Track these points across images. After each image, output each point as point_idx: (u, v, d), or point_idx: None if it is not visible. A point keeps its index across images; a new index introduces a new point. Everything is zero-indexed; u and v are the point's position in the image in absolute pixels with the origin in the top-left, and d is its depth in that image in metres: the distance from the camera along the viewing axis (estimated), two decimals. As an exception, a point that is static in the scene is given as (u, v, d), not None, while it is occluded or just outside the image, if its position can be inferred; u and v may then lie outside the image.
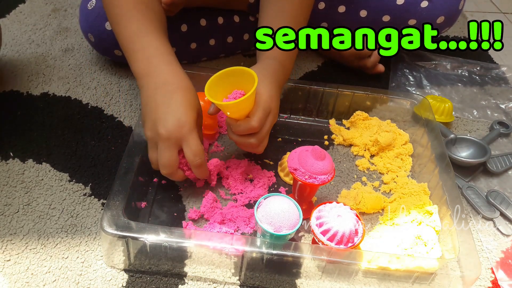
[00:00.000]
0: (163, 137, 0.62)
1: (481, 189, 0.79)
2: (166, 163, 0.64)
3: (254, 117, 0.65)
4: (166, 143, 0.63)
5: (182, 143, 0.63)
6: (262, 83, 0.67)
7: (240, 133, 0.67)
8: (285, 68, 0.74)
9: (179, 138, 0.63)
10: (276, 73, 0.71)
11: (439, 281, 0.61)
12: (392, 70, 1.03)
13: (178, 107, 0.63)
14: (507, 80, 1.05)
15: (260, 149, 0.70)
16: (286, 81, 0.77)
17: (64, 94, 0.90)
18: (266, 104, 0.66)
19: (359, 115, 0.85)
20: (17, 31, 1.05)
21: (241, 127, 0.66)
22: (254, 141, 0.68)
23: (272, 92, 0.68)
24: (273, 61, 0.72)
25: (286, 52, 0.73)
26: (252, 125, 0.65)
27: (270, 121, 0.68)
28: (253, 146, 0.69)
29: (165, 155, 0.63)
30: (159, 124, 0.62)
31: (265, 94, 0.67)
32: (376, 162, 0.80)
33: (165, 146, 0.63)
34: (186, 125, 0.62)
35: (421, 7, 0.92)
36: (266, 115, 0.67)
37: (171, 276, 0.63)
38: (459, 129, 0.92)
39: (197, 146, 0.63)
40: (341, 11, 0.95)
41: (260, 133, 0.67)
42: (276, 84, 0.70)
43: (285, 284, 0.63)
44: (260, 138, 0.68)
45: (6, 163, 0.75)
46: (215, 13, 0.95)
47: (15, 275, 0.61)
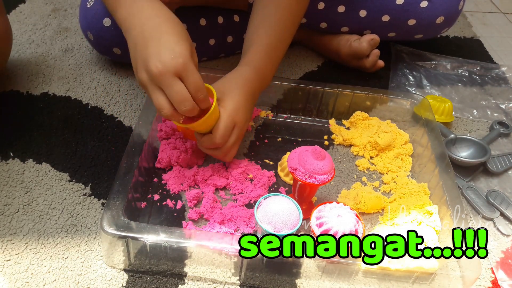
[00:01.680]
0: (161, 73, 0.58)
1: (481, 189, 0.79)
2: (180, 98, 0.59)
3: (216, 134, 0.66)
4: (168, 78, 0.58)
5: (181, 77, 0.59)
6: (230, 94, 0.68)
7: (205, 147, 0.69)
8: (263, 75, 0.74)
9: (177, 70, 0.58)
10: (249, 81, 0.71)
11: (439, 281, 0.61)
12: (392, 70, 1.03)
13: (169, 38, 0.59)
14: (507, 80, 1.05)
15: (227, 159, 0.72)
16: (264, 86, 0.76)
17: (64, 94, 0.90)
18: (229, 119, 0.67)
19: (359, 115, 0.85)
20: (17, 31, 1.05)
21: (205, 143, 0.68)
22: (219, 154, 0.70)
23: (239, 104, 0.68)
24: (248, 68, 0.72)
25: (266, 58, 0.74)
26: (214, 142, 0.67)
27: (236, 134, 0.69)
28: (219, 157, 0.71)
29: (174, 90, 0.58)
30: (153, 60, 0.58)
31: (230, 106, 0.67)
32: (376, 162, 0.80)
33: (168, 83, 0.58)
34: (182, 56, 0.58)
35: (420, 7, 0.92)
36: (229, 130, 0.67)
37: (171, 276, 0.63)
38: (459, 129, 0.92)
39: (197, 79, 0.59)
40: (340, 11, 0.95)
41: (225, 147, 0.69)
42: (248, 93, 0.70)
43: (285, 284, 0.63)
44: (224, 151, 0.69)
45: (6, 163, 0.75)
46: (215, 12, 0.95)
47: (15, 275, 0.61)
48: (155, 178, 0.73)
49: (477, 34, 1.21)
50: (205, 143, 0.68)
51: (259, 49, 0.74)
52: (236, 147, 0.72)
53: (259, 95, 0.76)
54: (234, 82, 0.70)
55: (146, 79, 0.60)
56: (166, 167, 0.74)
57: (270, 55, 0.75)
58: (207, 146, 0.69)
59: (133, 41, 0.62)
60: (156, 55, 0.58)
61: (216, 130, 0.66)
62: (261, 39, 0.74)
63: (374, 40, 0.95)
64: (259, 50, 0.74)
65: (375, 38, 0.95)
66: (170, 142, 0.75)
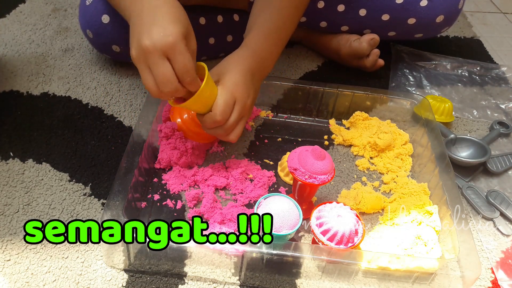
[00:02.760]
0: (149, 50, 0.57)
1: (481, 189, 0.79)
2: (163, 79, 0.58)
3: (216, 110, 0.65)
4: (155, 57, 0.58)
5: (169, 57, 0.58)
6: (228, 72, 0.67)
7: (207, 127, 0.67)
8: (262, 57, 0.73)
9: (165, 49, 0.57)
10: (246, 60, 0.70)
11: (439, 281, 0.61)
12: (392, 70, 1.03)
13: (163, 17, 0.59)
14: (507, 80, 1.05)
15: (232, 138, 0.69)
16: (264, 71, 0.75)
17: (64, 94, 0.90)
18: (228, 94, 0.65)
19: (359, 115, 0.85)
20: (17, 31, 1.05)
21: (206, 122, 0.66)
22: (221, 132, 0.67)
23: (237, 80, 0.67)
24: (246, 50, 0.72)
25: (265, 41, 0.73)
26: (215, 119, 0.65)
27: (238, 110, 0.67)
28: (221, 136, 0.69)
29: (159, 70, 0.58)
30: (143, 37, 0.58)
31: (228, 83, 0.66)
32: (376, 162, 0.80)
33: (155, 61, 0.58)
34: (172, 35, 0.57)
35: (420, 6, 0.92)
36: (229, 106, 0.65)
37: (171, 276, 0.63)
38: (459, 129, 0.92)
39: (186, 61, 0.58)
40: (340, 10, 0.95)
41: (226, 124, 0.66)
42: (246, 71, 0.69)
43: (285, 284, 0.63)
44: (227, 129, 0.67)
45: (6, 163, 0.75)
46: (215, 11, 0.95)
47: (15, 275, 0.61)
48: (155, 178, 0.73)
49: (477, 34, 1.21)
50: (207, 122, 0.66)
51: (258, 33, 0.74)
52: (241, 126, 0.69)
53: (260, 80, 0.74)
54: (230, 62, 0.69)
55: (136, 56, 0.59)
56: (166, 167, 0.74)
57: (269, 39, 0.74)
58: (209, 125, 0.66)
59: (132, 22, 0.62)
60: (148, 32, 0.58)
61: (216, 106, 0.65)
62: (261, 23, 0.74)
63: (374, 40, 0.95)
64: (258, 33, 0.74)
65: (375, 38, 0.95)
66: (170, 142, 0.75)
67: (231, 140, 0.70)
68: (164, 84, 0.59)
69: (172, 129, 0.75)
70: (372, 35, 0.95)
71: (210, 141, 0.79)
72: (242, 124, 0.70)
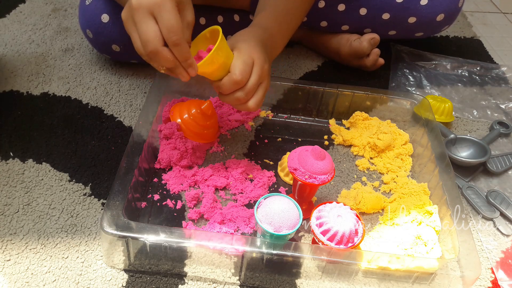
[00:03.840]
0: (135, 7, 0.55)
1: (481, 189, 0.79)
2: (146, 37, 0.55)
3: (235, 70, 0.62)
4: (140, 14, 0.55)
5: (155, 14, 0.55)
6: (242, 40, 0.66)
7: (226, 92, 0.64)
8: (271, 35, 0.72)
9: (151, 6, 0.55)
10: (257, 33, 0.70)
11: (439, 281, 0.61)
12: (392, 70, 1.03)
13: None
14: (507, 80, 1.05)
15: (252, 105, 0.65)
16: (274, 51, 0.74)
17: (64, 94, 0.90)
18: (246, 55, 0.63)
19: (359, 115, 0.85)
20: (17, 31, 1.05)
21: (225, 84, 0.63)
22: (241, 95, 0.64)
23: (253, 44, 0.65)
24: (256, 26, 0.72)
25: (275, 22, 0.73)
26: (234, 78, 0.62)
27: (257, 72, 0.64)
28: (242, 101, 0.65)
29: (142, 28, 0.55)
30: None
31: (244, 45, 0.64)
32: (376, 162, 0.80)
33: (139, 19, 0.55)
34: None
35: (421, 4, 0.92)
36: (248, 65, 0.63)
37: (171, 276, 0.63)
38: (459, 129, 0.92)
39: (171, 19, 0.55)
40: (341, 9, 0.95)
41: (247, 86, 0.63)
42: (258, 41, 0.68)
43: (285, 284, 0.63)
44: (246, 91, 0.64)
45: (6, 163, 0.75)
46: (215, 11, 0.95)
47: (15, 275, 0.61)
48: (155, 178, 0.73)
49: (477, 34, 1.21)
50: (225, 84, 0.62)
51: (267, 13, 0.74)
52: (261, 92, 0.66)
53: (271, 58, 0.72)
54: (242, 34, 0.68)
55: (125, 17, 0.58)
56: (166, 167, 0.74)
57: (279, 20, 0.74)
58: (227, 88, 0.63)
59: None
60: None
61: (234, 67, 0.62)
62: (270, 6, 0.74)
63: (374, 39, 0.95)
64: (267, 14, 0.74)
65: (375, 37, 0.95)
66: (170, 142, 0.74)
67: (251, 107, 0.65)
68: (146, 43, 0.56)
69: (172, 129, 0.75)
70: (373, 34, 0.95)
71: (210, 141, 0.79)
72: (262, 90, 0.66)
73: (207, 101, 0.77)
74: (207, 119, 0.76)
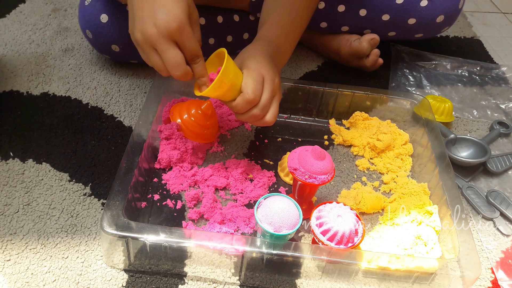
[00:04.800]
0: (156, 37, 0.58)
1: (481, 189, 0.79)
2: (173, 64, 0.60)
3: (247, 89, 0.63)
4: (162, 43, 0.58)
5: (177, 41, 0.59)
6: (249, 58, 0.67)
7: (241, 111, 0.65)
8: (279, 48, 0.73)
9: (172, 35, 0.58)
10: (263, 47, 0.70)
11: (439, 281, 0.61)
12: (392, 70, 1.03)
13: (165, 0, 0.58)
14: (507, 80, 1.05)
15: (269, 119, 0.66)
16: (282, 62, 0.75)
17: (64, 94, 0.90)
18: (255, 73, 0.64)
19: (359, 115, 0.85)
20: (17, 31, 1.05)
21: (239, 104, 0.64)
22: (257, 112, 0.65)
23: (261, 60, 0.66)
24: (261, 40, 0.72)
25: (280, 34, 0.73)
26: (246, 98, 0.63)
27: (268, 88, 0.65)
28: (259, 118, 0.66)
29: (169, 56, 0.59)
30: (147, 22, 0.58)
31: (253, 64, 0.65)
32: (376, 162, 0.80)
33: (163, 47, 0.59)
34: (177, 20, 0.57)
35: (420, 6, 0.92)
36: (259, 83, 0.64)
37: (171, 276, 0.63)
38: (459, 129, 0.92)
39: (193, 43, 0.60)
40: (340, 10, 0.95)
41: (260, 102, 0.65)
42: (266, 55, 0.68)
43: (285, 284, 0.63)
44: (261, 108, 0.65)
45: (6, 163, 0.75)
46: (215, 12, 0.95)
47: (15, 275, 0.61)
48: (155, 178, 0.73)
49: (477, 34, 1.21)
50: (239, 104, 0.64)
51: (272, 25, 0.74)
52: (276, 105, 0.67)
53: (280, 69, 0.73)
54: (248, 50, 0.69)
55: (140, 39, 0.60)
56: (166, 167, 0.74)
57: (284, 30, 0.74)
58: (242, 108, 0.64)
59: (130, 2, 0.61)
60: (151, 17, 0.58)
61: (245, 86, 0.63)
62: (274, 16, 0.75)
63: (374, 40, 0.95)
64: (272, 26, 0.74)
65: (375, 38, 0.95)
66: (170, 142, 0.75)
67: (268, 121, 0.67)
68: (175, 69, 0.60)
69: (172, 129, 0.75)
70: (372, 35, 0.95)
71: (210, 141, 0.79)
72: (277, 103, 0.67)
73: (207, 101, 0.77)
74: (207, 119, 0.76)
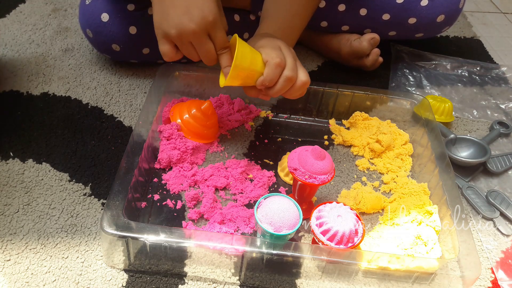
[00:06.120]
0: (193, 32, 0.62)
1: (481, 189, 0.79)
2: (208, 56, 0.66)
3: (270, 56, 0.65)
4: (199, 38, 0.63)
5: (210, 34, 0.64)
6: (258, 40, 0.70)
7: (273, 80, 0.66)
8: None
9: (208, 28, 0.63)
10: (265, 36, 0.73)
11: (439, 281, 0.61)
12: (392, 70, 1.03)
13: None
14: (507, 80, 1.05)
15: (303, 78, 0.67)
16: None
17: (64, 94, 0.90)
18: (272, 43, 0.67)
19: (359, 115, 0.85)
20: (17, 31, 1.05)
21: (269, 74, 0.65)
22: (289, 73, 0.65)
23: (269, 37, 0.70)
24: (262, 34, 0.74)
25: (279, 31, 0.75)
26: (273, 62, 0.65)
27: (288, 53, 0.67)
28: (293, 79, 0.66)
29: (204, 49, 0.65)
30: (184, 18, 0.62)
31: (264, 41, 0.69)
32: (376, 162, 0.80)
33: (200, 41, 0.64)
34: (212, 14, 0.62)
35: (421, 5, 0.92)
36: (278, 49, 0.67)
37: (171, 276, 0.63)
38: (459, 129, 0.92)
39: (223, 35, 0.65)
40: (341, 9, 0.95)
41: (288, 64, 0.66)
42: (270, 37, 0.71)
43: (285, 284, 0.63)
44: (291, 68, 0.66)
45: (6, 163, 0.75)
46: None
47: (15, 275, 0.61)
48: (155, 178, 0.73)
49: (477, 34, 1.21)
50: (269, 72, 0.65)
51: (272, 21, 0.76)
52: (302, 66, 0.68)
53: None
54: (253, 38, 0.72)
55: (174, 34, 0.63)
56: (166, 167, 0.74)
57: (284, 27, 0.76)
58: (272, 74, 0.65)
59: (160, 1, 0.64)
60: (187, 13, 0.62)
61: (267, 55, 0.65)
62: (274, 13, 0.76)
63: (374, 39, 0.95)
64: (272, 22, 0.76)
65: (375, 37, 0.95)
66: (170, 142, 0.75)
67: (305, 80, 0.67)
68: (209, 59, 0.66)
69: (172, 129, 0.75)
70: (373, 34, 0.95)
71: (210, 141, 0.79)
72: (301, 66, 0.68)
73: (207, 101, 0.77)
74: (207, 119, 0.76)
